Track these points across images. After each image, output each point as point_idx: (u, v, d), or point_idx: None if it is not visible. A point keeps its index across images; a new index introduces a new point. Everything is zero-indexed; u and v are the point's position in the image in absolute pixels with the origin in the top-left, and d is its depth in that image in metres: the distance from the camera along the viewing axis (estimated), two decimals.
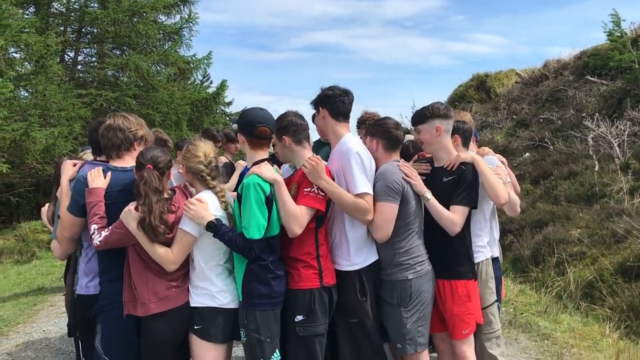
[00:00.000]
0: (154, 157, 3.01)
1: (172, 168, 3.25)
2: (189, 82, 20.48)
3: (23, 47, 13.20)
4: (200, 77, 22.85)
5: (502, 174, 3.62)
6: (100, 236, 2.96)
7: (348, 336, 3.31)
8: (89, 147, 7.69)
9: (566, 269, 7.43)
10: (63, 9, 16.71)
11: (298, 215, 3.05)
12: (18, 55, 13.75)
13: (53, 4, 16.48)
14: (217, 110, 23.38)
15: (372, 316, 3.30)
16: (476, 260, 3.55)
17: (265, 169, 3.07)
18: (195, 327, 3.05)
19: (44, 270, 9.86)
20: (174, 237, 3.00)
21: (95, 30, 17.16)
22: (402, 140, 3.61)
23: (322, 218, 3.23)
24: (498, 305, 3.76)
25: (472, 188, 3.40)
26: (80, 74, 17.41)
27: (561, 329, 5.69)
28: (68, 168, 3.40)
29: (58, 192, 3.59)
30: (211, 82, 24.41)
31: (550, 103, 15.02)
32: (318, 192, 3.15)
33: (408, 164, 3.49)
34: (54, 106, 13.41)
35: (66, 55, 17.22)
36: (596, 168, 10.43)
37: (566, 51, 18.52)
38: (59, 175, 4.07)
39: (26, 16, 15.13)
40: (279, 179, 3.07)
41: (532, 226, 9.28)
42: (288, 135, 3.26)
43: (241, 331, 3.08)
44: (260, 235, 2.96)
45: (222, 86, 20.34)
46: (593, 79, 14.15)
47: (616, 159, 10.46)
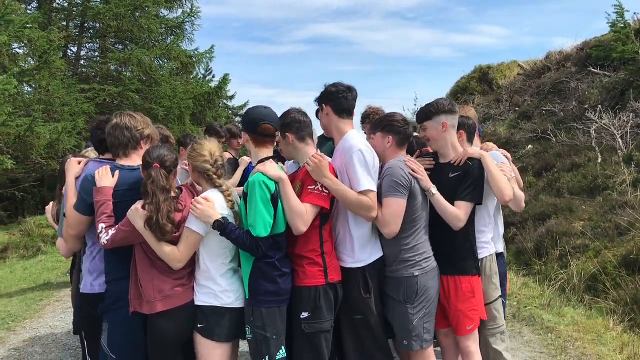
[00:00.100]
0: (161, 156, 3.03)
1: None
2: (192, 77, 20.51)
3: (26, 43, 13.20)
4: (202, 72, 22.91)
5: (507, 170, 3.63)
6: (107, 235, 2.98)
7: (352, 333, 3.33)
8: (91, 145, 7.69)
9: (569, 262, 7.42)
10: (65, 4, 16.72)
11: (303, 213, 3.07)
12: (21, 50, 13.76)
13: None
14: (220, 104, 23.46)
15: (377, 313, 3.33)
16: (480, 256, 3.56)
17: (270, 167, 3.09)
18: (199, 326, 3.07)
19: (50, 265, 9.90)
20: (181, 236, 3.03)
21: (97, 25, 17.15)
22: (412, 136, 3.64)
23: (327, 215, 3.25)
24: (503, 300, 3.78)
25: (478, 184, 3.41)
26: (83, 69, 17.41)
27: (565, 323, 5.71)
28: (73, 166, 3.41)
29: (63, 190, 3.60)
30: (214, 76, 24.49)
31: (552, 95, 14.94)
32: (322, 190, 3.16)
33: (414, 160, 3.50)
34: (58, 101, 13.43)
35: (69, 50, 17.24)
36: (599, 160, 10.36)
37: (569, 42, 18.48)
38: (64, 173, 4.09)
39: (29, 12, 15.13)
40: (284, 177, 3.09)
41: (535, 219, 9.25)
42: (291, 132, 3.28)
43: (247, 328, 3.10)
44: (266, 233, 2.99)
45: (225, 80, 20.35)
46: (596, 71, 14.02)
47: (619, 151, 10.40)
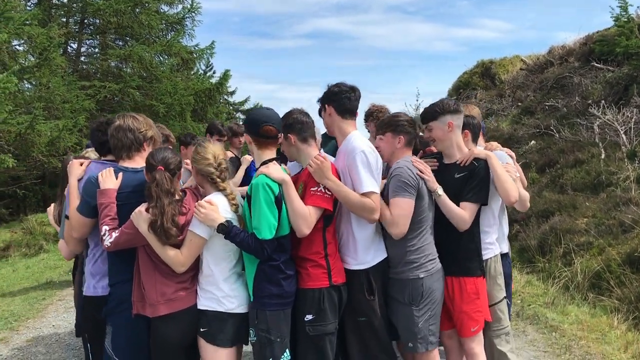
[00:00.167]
0: (165, 159, 3.00)
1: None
2: (192, 73, 20.45)
3: (26, 40, 13.18)
4: (203, 67, 22.84)
5: (512, 171, 3.60)
6: (111, 237, 2.96)
7: (356, 334, 3.31)
8: (91, 145, 7.66)
9: (573, 260, 7.38)
10: (65, 0, 16.64)
11: (306, 215, 3.04)
12: (21, 48, 13.73)
13: None
14: (221, 100, 23.39)
15: (380, 314, 3.30)
16: (485, 257, 3.54)
17: (273, 169, 3.06)
18: (201, 330, 3.05)
19: (52, 263, 9.90)
20: (184, 239, 3.00)
21: (97, 21, 17.12)
22: (417, 136, 3.62)
23: (330, 217, 3.22)
24: (507, 301, 3.75)
25: (484, 185, 3.38)
26: (83, 66, 17.38)
27: (569, 321, 5.68)
28: (75, 168, 3.39)
29: (65, 192, 3.58)
30: (214, 72, 24.40)
31: (555, 90, 14.86)
32: (325, 192, 3.13)
33: (421, 160, 3.47)
34: (58, 98, 13.41)
35: (69, 47, 17.20)
36: (602, 156, 10.31)
37: (572, 36, 18.38)
38: (66, 174, 4.06)
39: (28, 8, 15.09)
40: (287, 179, 3.06)
41: (539, 216, 9.21)
42: (293, 133, 3.24)
43: (251, 331, 3.08)
44: (271, 235, 2.96)
45: (225, 76, 20.33)
46: (599, 65, 13.91)
47: (623, 147, 10.35)
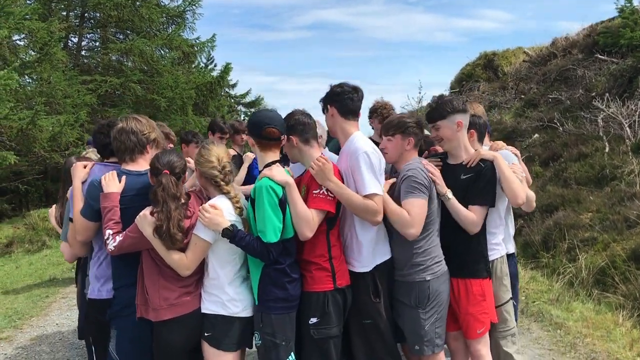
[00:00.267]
0: (171, 162, 2.97)
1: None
2: (193, 66, 20.43)
3: (26, 34, 13.13)
4: (204, 61, 22.84)
5: (518, 171, 3.56)
6: (115, 241, 2.93)
7: (361, 337, 3.28)
8: (92, 142, 7.65)
9: (578, 255, 7.35)
10: None
11: (309, 218, 3.00)
12: (22, 42, 13.69)
13: None
14: (222, 93, 23.35)
15: (386, 317, 3.28)
16: (491, 258, 3.51)
17: (276, 172, 3.02)
18: (205, 334, 3.03)
19: (55, 260, 9.89)
20: (189, 243, 2.97)
21: (98, 14, 17.08)
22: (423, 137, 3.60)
23: (333, 219, 3.18)
24: (514, 302, 3.73)
25: (491, 187, 3.35)
26: (84, 60, 17.35)
27: (574, 318, 5.65)
28: (79, 170, 3.36)
29: (68, 194, 3.55)
30: (215, 65, 24.38)
31: (558, 82, 14.75)
32: (327, 194, 3.09)
33: (430, 163, 3.44)
34: (59, 93, 13.39)
35: (70, 41, 17.16)
36: (606, 150, 10.23)
37: (575, 26, 18.22)
38: (67, 175, 4.03)
39: (28, 2, 15.02)
40: (291, 182, 3.03)
41: (543, 210, 9.14)
42: (295, 134, 3.21)
43: (256, 334, 3.05)
44: (277, 238, 2.93)
45: (227, 69, 20.27)
46: (603, 57, 13.77)
47: (627, 140, 10.27)
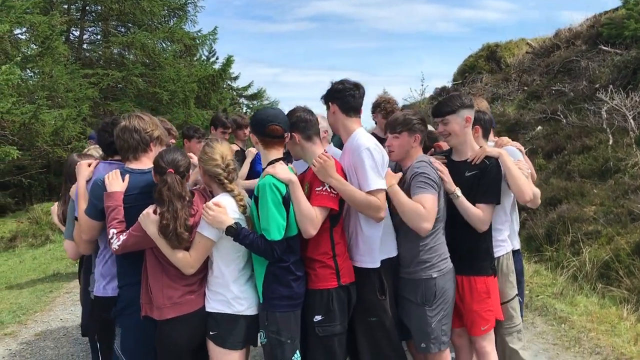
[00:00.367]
0: (175, 161, 2.96)
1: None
2: (195, 59, 20.37)
3: (28, 28, 13.10)
4: (206, 53, 22.76)
5: (524, 168, 3.54)
6: (118, 240, 2.93)
7: (367, 334, 3.28)
8: (93, 136, 7.63)
9: (581, 249, 7.33)
10: None
11: (313, 216, 2.99)
12: (23, 36, 13.64)
13: None
14: (224, 85, 23.29)
15: (391, 314, 3.28)
16: (497, 254, 3.50)
17: (280, 169, 3.01)
18: (210, 333, 3.02)
19: (58, 255, 9.92)
20: (192, 241, 2.96)
21: (99, 8, 17.02)
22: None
23: (337, 217, 3.17)
24: (519, 299, 3.72)
25: (497, 184, 3.33)
26: (86, 53, 17.31)
27: (578, 312, 5.64)
28: (83, 169, 3.35)
29: (72, 192, 3.55)
30: (217, 58, 24.28)
31: (562, 74, 14.66)
32: (330, 191, 3.08)
33: (438, 160, 3.42)
34: (61, 87, 13.37)
35: (71, 34, 17.12)
36: (610, 142, 10.18)
37: (578, 17, 18.09)
38: (69, 173, 4.03)
39: None
40: (294, 179, 3.01)
41: (546, 203, 9.08)
42: (297, 131, 3.19)
43: (261, 332, 3.06)
44: (281, 236, 2.92)
45: (229, 61, 20.25)
46: (607, 49, 13.66)
47: (631, 133, 10.21)
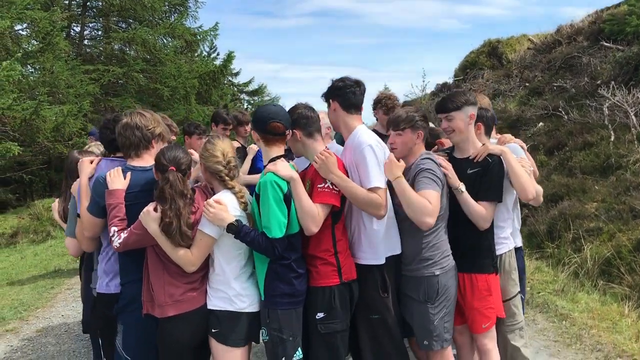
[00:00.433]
0: (177, 158, 2.95)
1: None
2: (196, 55, 20.33)
3: (29, 24, 13.07)
4: (207, 49, 22.72)
5: (527, 165, 3.53)
6: (120, 238, 2.93)
7: (369, 332, 3.28)
8: (95, 133, 7.61)
9: (583, 245, 7.32)
10: None
11: (315, 213, 2.99)
12: (24, 32, 13.62)
13: None
14: (225, 81, 23.27)
15: (393, 311, 3.27)
16: (499, 252, 3.50)
17: (281, 166, 3.00)
18: (213, 331, 3.02)
19: (60, 251, 9.92)
20: (194, 238, 2.96)
21: (100, 3, 16.99)
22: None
23: (338, 213, 3.17)
24: (521, 296, 3.72)
25: (499, 182, 3.33)
26: (87, 49, 17.29)
27: (579, 309, 5.64)
28: (86, 166, 3.34)
29: (74, 189, 3.54)
30: (218, 54, 24.25)
31: (563, 70, 14.63)
32: (332, 188, 3.08)
33: (442, 157, 3.42)
34: (62, 83, 13.35)
35: (72, 30, 17.09)
36: (612, 138, 10.16)
37: (580, 12, 18.02)
38: (70, 170, 4.02)
39: None
40: (295, 176, 3.01)
41: (548, 200, 9.05)
42: (299, 128, 3.19)
43: (262, 330, 3.05)
44: (282, 233, 2.92)
45: (229, 57, 20.22)
46: (608, 45, 13.63)
47: (632, 129, 10.19)
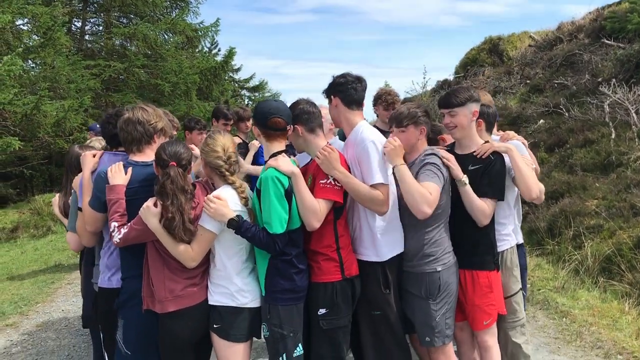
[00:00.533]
0: (178, 153, 2.93)
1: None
2: (197, 51, 20.30)
3: (30, 19, 13.06)
4: (208, 45, 22.71)
5: (529, 163, 3.53)
6: (120, 234, 2.92)
7: (371, 328, 3.28)
8: (95, 128, 7.59)
9: (583, 243, 7.33)
10: None
11: (317, 209, 2.98)
12: (25, 27, 13.61)
13: None
14: (226, 77, 23.24)
15: (395, 308, 3.27)
16: (501, 248, 3.49)
17: (282, 162, 3.00)
18: (214, 326, 3.02)
19: (60, 245, 9.94)
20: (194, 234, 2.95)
21: None
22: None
23: (341, 209, 3.16)
24: (523, 293, 3.72)
25: (500, 180, 3.32)
26: (88, 45, 17.27)
27: (579, 306, 5.65)
28: (88, 160, 3.34)
29: (76, 184, 3.54)
30: (219, 50, 24.23)
31: (564, 67, 14.62)
32: (335, 184, 3.07)
33: (444, 150, 3.42)
34: (63, 78, 13.35)
35: (73, 25, 17.07)
36: (613, 136, 10.16)
37: (581, 9, 18.02)
38: (70, 165, 4.02)
39: None
40: (297, 172, 3.00)
41: (548, 197, 9.05)
42: (300, 123, 3.18)
43: (263, 325, 3.05)
44: (283, 229, 2.91)
45: (231, 53, 20.18)
46: (609, 42, 13.62)
47: (633, 127, 10.19)
